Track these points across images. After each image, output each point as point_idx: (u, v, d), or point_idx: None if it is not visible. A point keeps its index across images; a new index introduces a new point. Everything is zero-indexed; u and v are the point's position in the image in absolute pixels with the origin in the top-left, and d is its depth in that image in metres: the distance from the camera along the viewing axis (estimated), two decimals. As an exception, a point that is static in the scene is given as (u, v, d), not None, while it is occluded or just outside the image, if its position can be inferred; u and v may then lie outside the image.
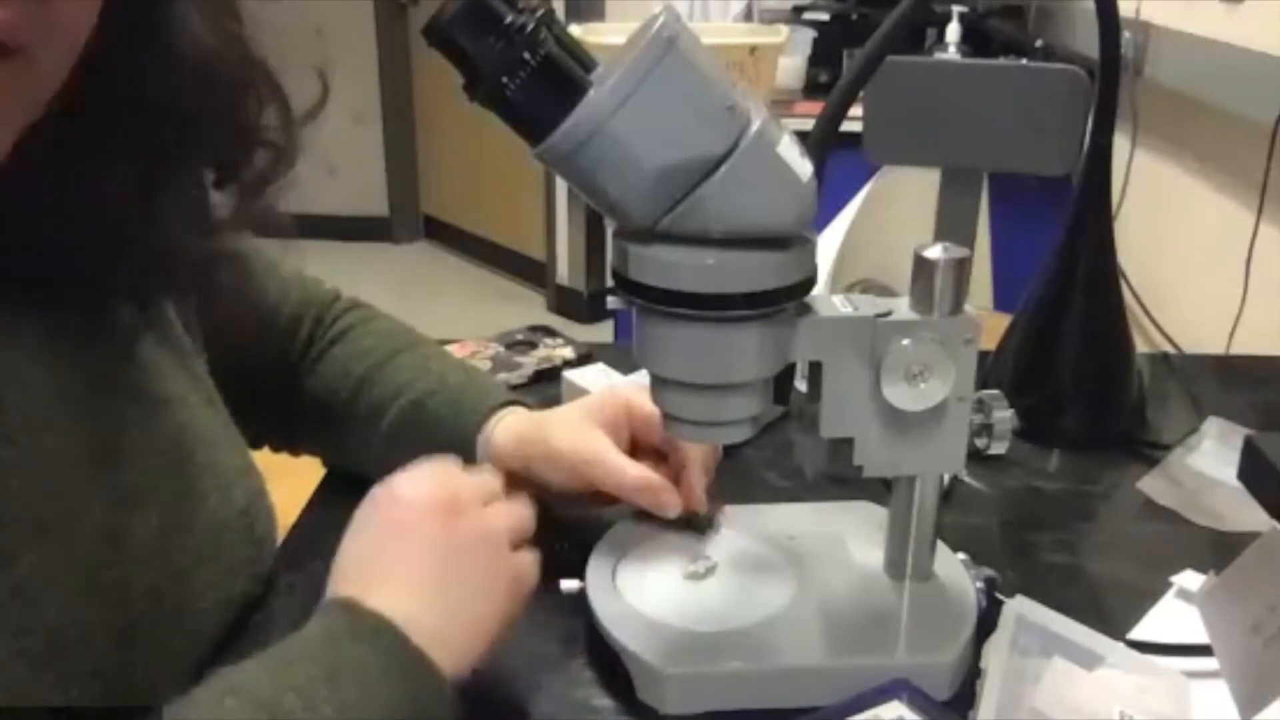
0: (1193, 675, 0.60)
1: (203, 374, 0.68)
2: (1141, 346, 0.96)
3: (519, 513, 0.60)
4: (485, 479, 0.62)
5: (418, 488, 0.59)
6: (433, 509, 0.57)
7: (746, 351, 0.56)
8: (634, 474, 0.68)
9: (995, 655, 0.60)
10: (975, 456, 0.66)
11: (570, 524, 0.72)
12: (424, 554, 0.56)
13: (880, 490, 0.70)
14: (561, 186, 3.47)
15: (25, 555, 0.51)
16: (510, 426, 0.73)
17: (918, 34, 2.31)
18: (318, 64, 0.64)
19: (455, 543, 0.56)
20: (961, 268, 0.58)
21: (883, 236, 1.27)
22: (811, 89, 2.46)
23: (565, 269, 3.74)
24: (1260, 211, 1.57)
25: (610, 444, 0.70)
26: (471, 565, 0.56)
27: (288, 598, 0.69)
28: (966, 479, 0.84)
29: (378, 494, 0.59)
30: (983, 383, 0.66)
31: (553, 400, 0.87)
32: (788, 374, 0.61)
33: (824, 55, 2.45)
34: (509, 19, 0.46)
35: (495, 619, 0.56)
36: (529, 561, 0.58)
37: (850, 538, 0.71)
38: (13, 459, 0.53)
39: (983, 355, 0.62)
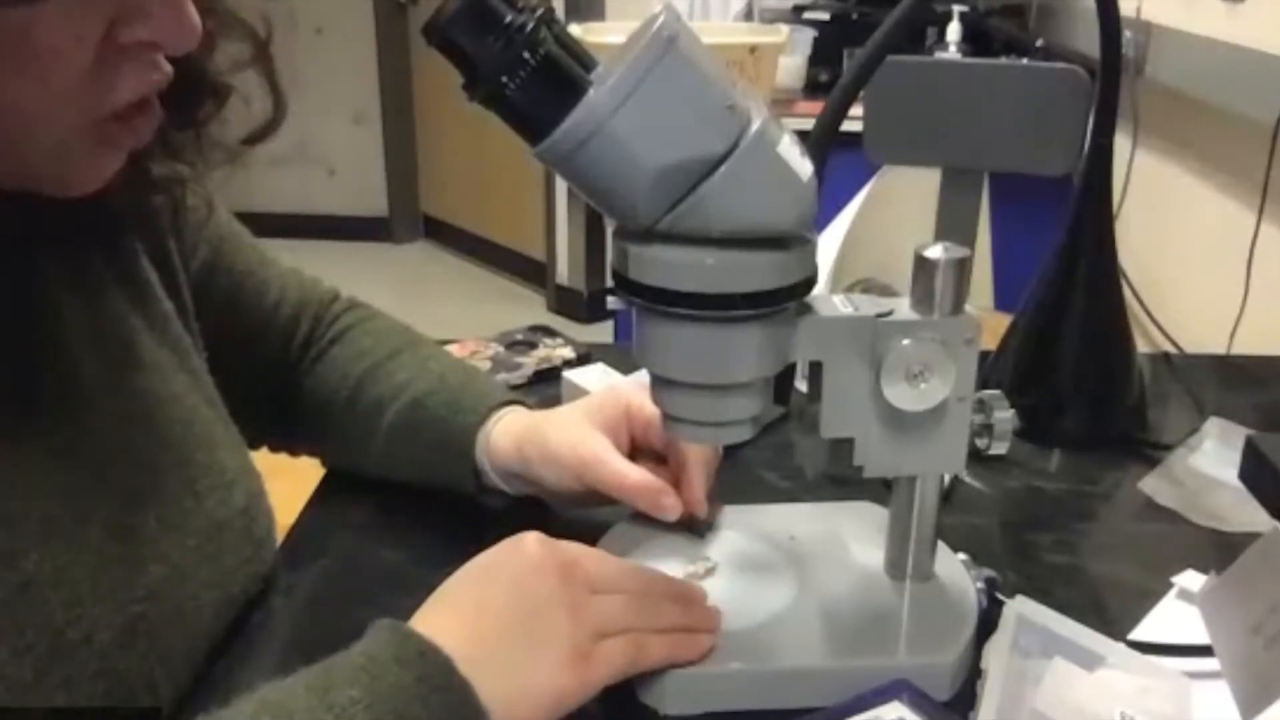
0: (1194, 676, 0.60)
1: (202, 373, 0.68)
2: (1142, 346, 0.96)
3: (627, 616, 0.58)
4: (622, 573, 0.61)
5: (545, 544, 0.58)
6: (544, 563, 0.57)
7: (747, 351, 0.55)
8: (634, 477, 0.68)
9: (996, 656, 0.60)
10: (976, 456, 0.66)
11: (570, 524, 0.72)
12: (506, 594, 0.56)
13: (880, 490, 0.70)
14: (561, 186, 3.47)
15: (32, 553, 0.51)
16: (509, 426, 0.73)
17: (918, 33, 2.31)
18: (318, 64, 0.64)
19: (543, 596, 0.55)
20: (962, 267, 0.58)
21: (883, 236, 1.27)
22: (811, 89, 2.45)
23: (565, 269, 3.74)
24: (1261, 211, 1.57)
25: (609, 445, 0.69)
26: (547, 622, 0.55)
27: (287, 598, 0.69)
28: (967, 479, 0.84)
29: (513, 538, 0.59)
30: (983, 383, 0.66)
31: (553, 400, 0.87)
32: (788, 374, 0.61)
33: (824, 55, 2.45)
34: (509, 18, 0.46)
35: (550, 684, 0.54)
36: (609, 653, 0.56)
37: (851, 538, 0.70)
38: (17, 457, 0.53)
39: (983, 355, 0.62)
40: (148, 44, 0.48)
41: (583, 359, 1.01)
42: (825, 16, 2.51)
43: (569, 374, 0.93)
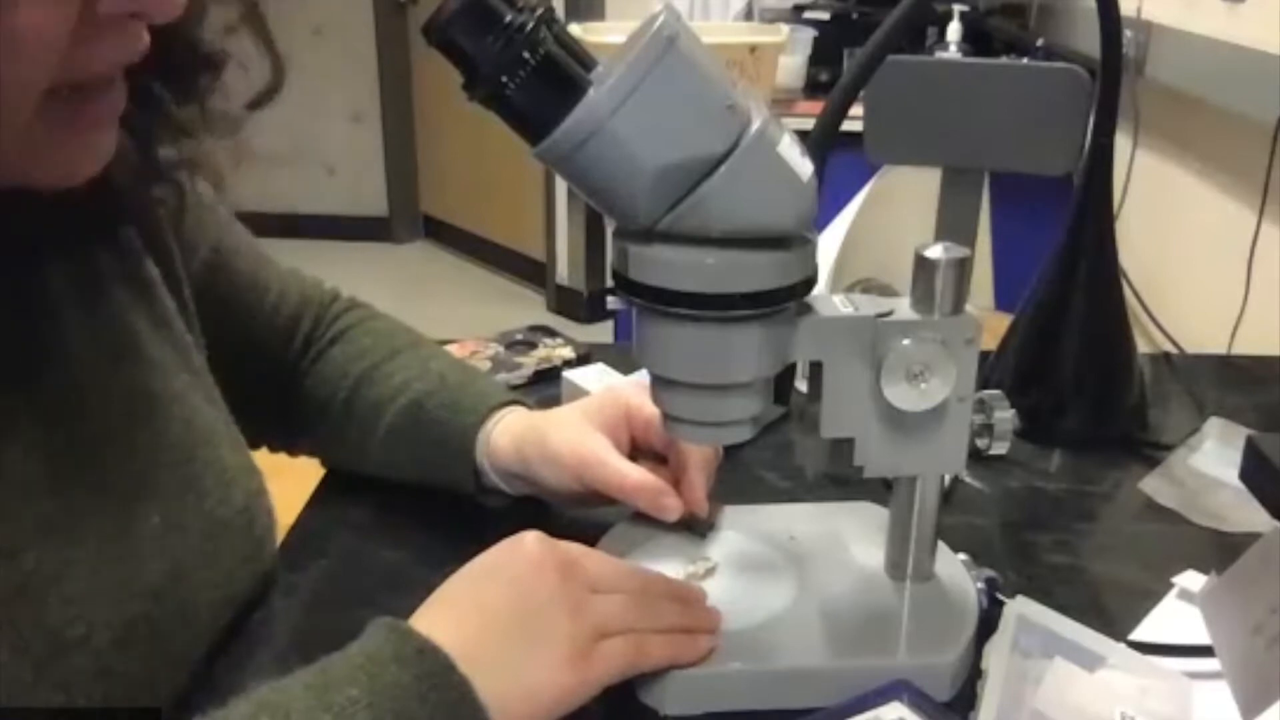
0: (1194, 676, 0.60)
1: (203, 372, 0.68)
2: (1143, 346, 0.96)
3: (627, 616, 0.58)
4: (621, 574, 0.61)
5: (545, 544, 0.58)
6: (544, 563, 0.57)
7: (747, 351, 0.55)
8: (634, 477, 0.68)
9: (996, 656, 0.60)
10: (976, 457, 0.65)
11: (570, 524, 0.72)
12: (506, 593, 0.56)
13: (881, 490, 0.70)
14: (561, 186, 3.47)
15: (31, 552, 0.51)
16: (509, 427, 0.73)
17: (918, 33, 2.31)
18: (318, 64, 0.63)
19: (543, 596, 0.56)
20: (962, 267, 0.58)
21: (883, 236, 1.27)
22: (812, 88, 2.45)
23: (565, 269, 3.74)
24: (1262, 211, 1.57)
25: (609, 446, 0.69)
26: (547, 621, 0.55)
27: (287, 598, 0.69)
28: (967, 479, 0.84)
29: (512, 538, 0.59)
30: (984, 383, 0.66)
31: (553, 400, 0.87)
32: (788, 374, 0.61)
33: (824, 54, 2.45)
34: (508, 18, 0.46)
35: (550, 683, 0.54)
36: (609, 653, 0.56)
37: (851, 538, 0.70)
38: (16, 455, 0.53)
39: (984, 355, 0.62)
40: (129, 15, 0.47)
41: (583, 359, 1.01)
42: (825, 16, 2.51)
43: (569, 374, 0.93)
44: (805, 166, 0.52)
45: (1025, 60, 2.12)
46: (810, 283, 0.55)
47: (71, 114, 0.48)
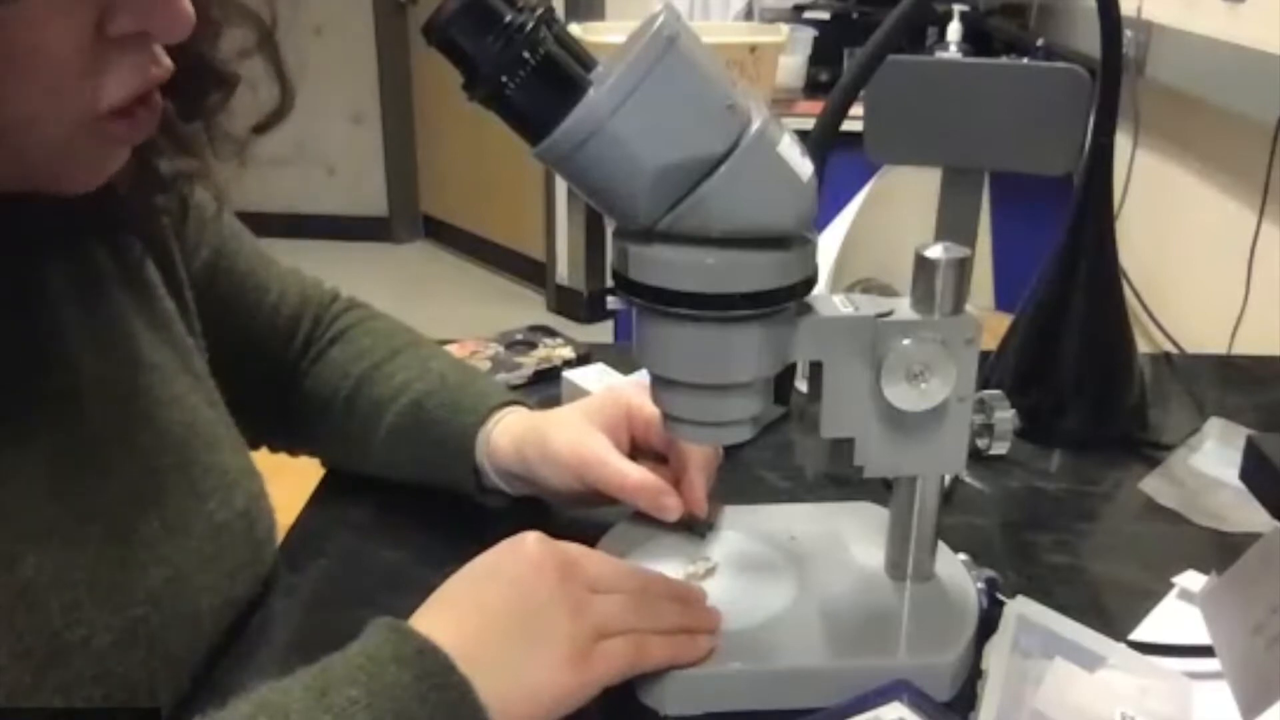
0: (1195, 676, 0.60)
1: (204, 375, 0.68)
2: (1143, 346, 0.96)
3: (627, 616, 0.58)
4: (621, 574, 0.61)
5: (545, 544, 0.58)
6: (544, 563, 0.57)
7: (747, 351, 0.55)
8: (634, 477, 0.68)
9: (996, 656, 0.60)
10: (976, 457, 0.65)
11: (570, 524, 0.72)
12: (506, 593, 0.56)
13: (881, 490, 0.70)
14: (561, 186, 3.47)
15: (30, 556, 0.51)
16: (509, 427, 0.73)
17: (919, 33, 2.31)
18: (318, 64, 0.64)
19: (543, 596, 0.55)
20: (962, 267, 0.58)
21: (884, 236, 1.27)
22: (812, 88, 2.46)
23: (565, 269, 3.74)
24: (1262, 211, 1.57)
25: (610, 446, 0.69)
26: (547, 622, 0.55)
27: (287, 598, 0.69)
28: (967, 479, 0.84)
29: (512, 539, 0.59)
30: (984, 383, 0.66)
31: (553, 400, 0.87)
32: (788, 374, 0.61)
33: (824, 54, 2.45)
34: (508, 18, 0.46)
35: (550, 683, 0.54)
36: (609, 653, 0.56)
37: (851, 538, 0.70)
38: (16, 458, 0.52)
39: (984, 355, 0.62)
40: (139, 34, 0.48)
41: (583, 359, 1.01)
42: (825, 16, 2.51)
43: (569, 374, 0.93)
44: (805, 166, 0.52)
45: (1025, 60, 2.12)
46: (810, 283, 0.55)
47: (115, 129, 0.50)
